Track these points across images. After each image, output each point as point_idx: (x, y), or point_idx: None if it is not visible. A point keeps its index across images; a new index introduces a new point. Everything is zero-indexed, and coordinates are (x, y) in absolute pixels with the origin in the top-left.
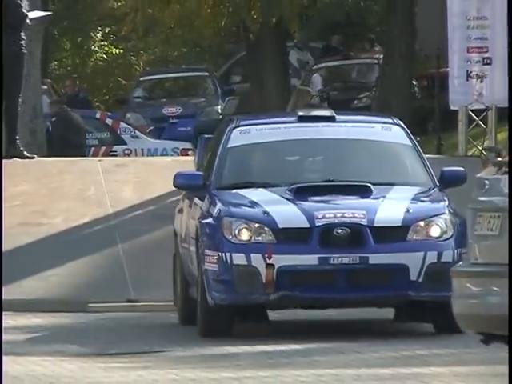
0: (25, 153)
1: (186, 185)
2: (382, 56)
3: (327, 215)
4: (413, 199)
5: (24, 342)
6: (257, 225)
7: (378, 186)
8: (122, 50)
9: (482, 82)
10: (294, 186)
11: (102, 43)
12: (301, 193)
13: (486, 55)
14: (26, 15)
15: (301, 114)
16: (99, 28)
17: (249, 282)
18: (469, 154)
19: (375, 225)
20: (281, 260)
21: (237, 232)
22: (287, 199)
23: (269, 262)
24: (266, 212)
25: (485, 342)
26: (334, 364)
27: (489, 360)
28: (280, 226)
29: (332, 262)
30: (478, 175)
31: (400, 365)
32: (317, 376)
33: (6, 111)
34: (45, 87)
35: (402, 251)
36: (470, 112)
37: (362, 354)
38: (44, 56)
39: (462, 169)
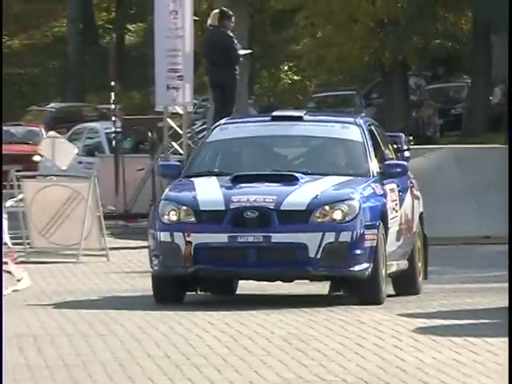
0: None
1: (165, 173)
2: (470, 81)
3: (242, 199)
4: (330, 187)
5: None
6: (184, 207)
7: (312, 176)
8: (300, 77)
9: None
10: (234, 174)
11: (288, 72)
12: (236, 181)
13: None
14: (240, 55)
15: (274, 114)
16: (286, 62)
17: (172, 257)
18: None
19: (281, 208)
20: (198, 238)
21: (167, 213)
22: (221, 186)
23: (187, 239)
24: (194, 196)
25: None
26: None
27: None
28: (201, 208)
29: (239, 240)
30: None
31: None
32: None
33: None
34: (250, 101)
35: (302, 231)
36: None
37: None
38: (249, 81)
39: (403, 162)
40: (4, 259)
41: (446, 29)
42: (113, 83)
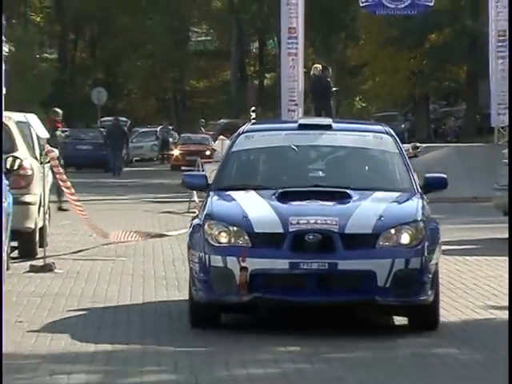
0: None
1: (191, 184)
2: (465, 106)
3: (301, 221)
4: (388, 206)
5: None
6: (235, 228)
7: (359, 191)
8: (365, 104)
9: None
10: (279, 191)
11: (358, 101)
12: (284, 197)
13: None
14: (333, 91)
15: (301, 122)
16: (357, 96)
17: (224, 284)
18: None
19: (346, 232)
20: (254, 263)
21: (216, 234)
22: (269, 203)
23: (243, 265)
24: (245, 216)
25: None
26: None
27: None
28: (256, 231)
29: (302, 267)
30: None
31: None
32: None
33: None
34: (337, 119)
35: (370, 258)
36: None
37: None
38: (336, 106)
39: (443, 175)
40: (194, 210)
41: (452, 75)
42: (253, 108)
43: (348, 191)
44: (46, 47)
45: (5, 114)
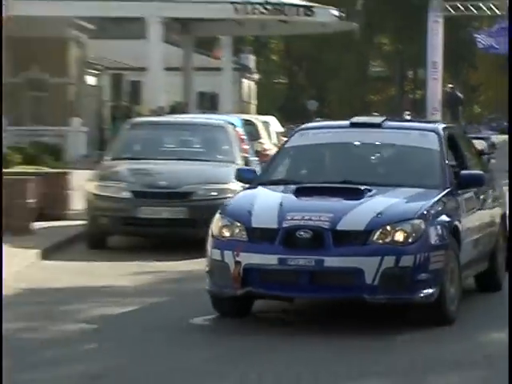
0: None
1: (241, 178)
2: None
3: (296, 217)
4: (395, 202)
5: None
6: (238, 223)
7: (381, 188)
8: (480, 109)
9: None
10: (296, 186)
11: (476, 108)
12: (297, 193)
13: None
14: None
15: (353, 120)
16: (475, 105)
17: (222, 277)
18: None
19: (338, 228)
20: (247, 258)
21: (219, 228)
22: (281, 199)
23: (237, 259)
24: (249, 211)
25: None
26: None
27: None
28: (253, 226)
29: (290, 262)
30: None
31: None
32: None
33: None
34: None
35: (358, 255)
36: None
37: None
38: (462, 113)
39: (480, 172)
40: None
41: None
42: (408, 112)
43: (362, 188)
44: (280, 75)
45: (254, 116)
